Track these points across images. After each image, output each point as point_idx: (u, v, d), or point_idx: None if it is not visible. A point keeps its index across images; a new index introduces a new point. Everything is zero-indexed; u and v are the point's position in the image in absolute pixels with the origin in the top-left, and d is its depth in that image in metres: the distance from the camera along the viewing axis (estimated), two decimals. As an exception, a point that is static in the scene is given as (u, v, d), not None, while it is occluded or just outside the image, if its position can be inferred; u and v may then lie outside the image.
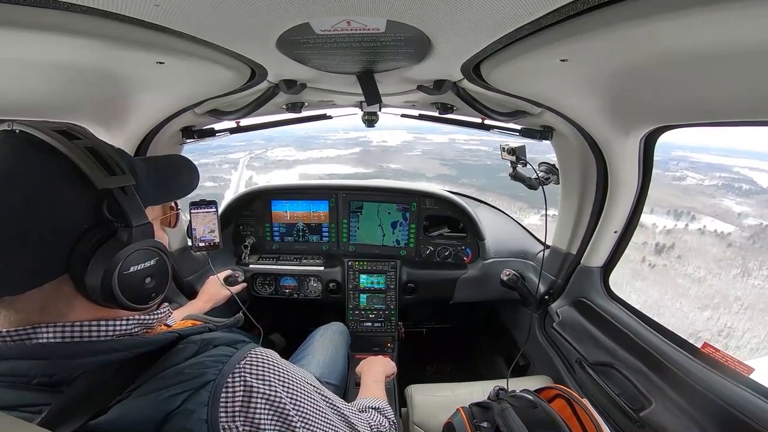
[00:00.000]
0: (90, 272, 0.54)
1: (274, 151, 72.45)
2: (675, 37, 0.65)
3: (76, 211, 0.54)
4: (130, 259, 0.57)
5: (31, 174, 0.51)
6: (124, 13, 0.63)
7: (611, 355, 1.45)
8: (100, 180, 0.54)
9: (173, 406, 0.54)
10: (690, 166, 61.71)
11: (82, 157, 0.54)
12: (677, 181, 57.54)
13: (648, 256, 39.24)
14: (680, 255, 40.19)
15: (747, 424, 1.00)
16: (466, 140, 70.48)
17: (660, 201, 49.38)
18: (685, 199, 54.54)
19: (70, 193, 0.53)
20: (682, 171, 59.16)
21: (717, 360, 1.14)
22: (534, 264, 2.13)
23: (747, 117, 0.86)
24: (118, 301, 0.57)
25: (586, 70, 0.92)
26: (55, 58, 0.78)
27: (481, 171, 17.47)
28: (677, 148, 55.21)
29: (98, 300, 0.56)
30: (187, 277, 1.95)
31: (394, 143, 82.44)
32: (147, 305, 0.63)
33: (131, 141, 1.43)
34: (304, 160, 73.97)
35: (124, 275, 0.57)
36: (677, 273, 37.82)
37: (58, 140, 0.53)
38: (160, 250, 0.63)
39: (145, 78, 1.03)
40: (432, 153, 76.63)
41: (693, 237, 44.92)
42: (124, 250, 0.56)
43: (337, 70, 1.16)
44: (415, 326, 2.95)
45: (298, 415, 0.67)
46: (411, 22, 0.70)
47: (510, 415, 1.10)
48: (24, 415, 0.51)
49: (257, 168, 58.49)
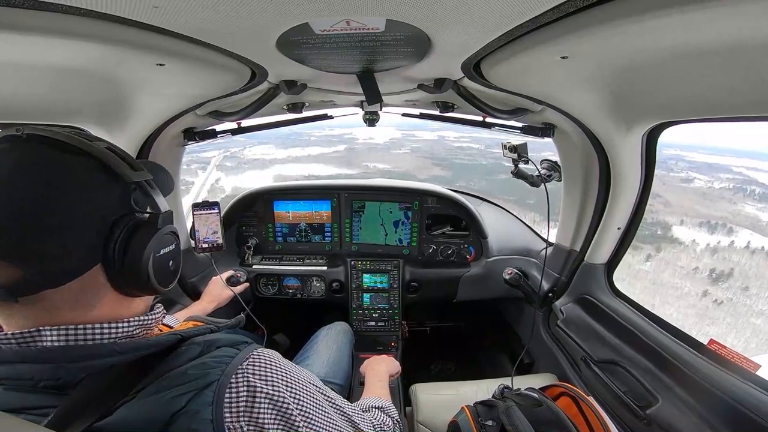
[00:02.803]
0: (128, 259, 0.58)
1: (252, 150, 67.36)
2: (674, 33, 0.64)
3: (109, 203, 0.58)
4: (162, 242, 0.63)
5: (60, 172, 0.54)
6: (124, 16, 0.63)
7: (616, 352, 1.45)
8: (129, 174, 0.59)
9: (178, 407, 0.55)
10: (690, 166, 58.65)
11: (107, 154, 0.58)
12: (685, 183, 54.21)
13: (709, 289, 30.75)
14: (745, 285, 34.91)
15: (754, 420, 0.99)
16: (456, 137, 65.51)
17: (685, 209, 44.90)
18: (709, 206, 49.44)
19: (103, 187, 0.58)
20: (686, 172, 56.28)
21: (723, 357, 1.13)
22: (537, 261, 2.13)
23: (747, 112, 0.86)
24: (151, 284, 0.61)
25: (586, 67, 0.92)
26: (54, 61, 0.79)
27: (477, 171, 16.35)
28: (666, 146, 51.45)
29: (131, 285, 0.60)
30: (191, 279, 1.96)
31: (381, 141, 77.42)
32: (168, 287, 0.68)
33: (133, 143, 1.44)
34: (282, 159, 69.05)
35: (156, 258, 0.62)
36: (750, 310, 30.81)
37: (80, 143, 0.56)
38: (176, 235, 0.69)
39: (145, 80, 1.03)
40: (421, 151, 71.70)
41: (743, 257, 39.43)
42: (157, 234, 0.61)
43: (338, 70, 1.15)
44: (419, 325, 2.95)
45: (301, 415, 0.68)
46: (411, 21, 0.69)
47: (515, 414, 1.09)
48: (30, 417, 0.51)
49: (228, 169, 53.54)
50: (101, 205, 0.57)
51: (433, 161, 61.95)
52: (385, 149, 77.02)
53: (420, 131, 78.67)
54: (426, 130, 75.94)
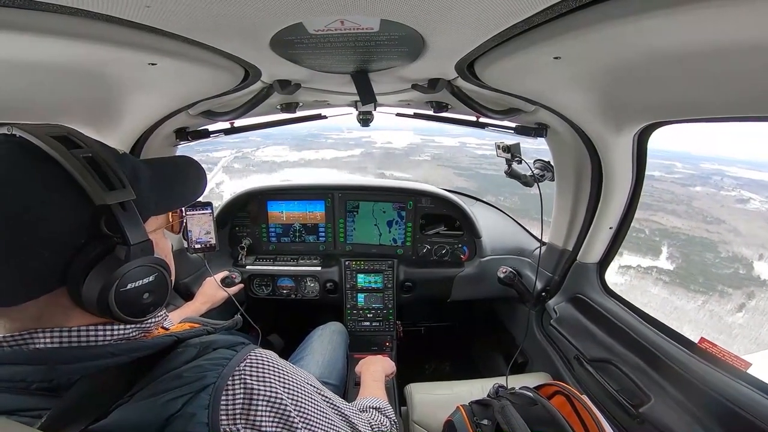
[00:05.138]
0: (86, 287, 0.53)
1: (265, 151, 62.61)
2: (665, 34, 0.65)
3: (71, 224, 0.52)
4: (128, 277, 0.56)
5: (25, 183, 0.49)
6: (115, 15, 0.62)
7: (609, 351, 1.46)
8: (98, 195, 0.52)
9: (173, 410, 0.54)
10: (737, 183, 51.53)
11: (79, 169, 0.52)
12: (740, 203, 46.52)
13: None
14: None
15: (744, 418, 1.01)
16: (479, 144, 58.86)
17: (760, 239, 37.25)
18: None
19: (66, 206, 0.52)
20: (737, 190, 49.18)
21: (714, 355, 1.15)
22: (531, 261, 2.14)
23: (737, 113, 0.87)
24: (115, 315, 0.56)
25: (579, 68, 0.93)
26: (44, 59, 0.77)
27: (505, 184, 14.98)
28: (702, 159, 45.46)
29: (95, 313, 0.55)
30: (184, 279, 1.94)
31: (399, 145, 71.65)
32: (145, 318, 0.62)
33: (124, 143, 1.42)
34: (293, 162, 64.09)
35: (121, 292, 0.56)
36: None
37: (56, 149, 0.51)
38: (160, 267, 0.62)
39: (137, 79, 1.02)
40: (443, 159, 65.44)
41: None
42: (121, 268, 0.55)
43: (332, 69, 1.15)
44: (414, 325, 2.95)
45: (299, 415, 0.67)
46: (405, 21, 0.69)
47: (510, 412, 1.10)
48: (23, 419, 0.51)
49: (235, 171, 48.84)
50: (59, 227, 0.51)
51: (456, 171, 55.97)
52: (403, 155, 70.50)
53: (440, 137, 72.20)
54: (447, 135, 69.48)
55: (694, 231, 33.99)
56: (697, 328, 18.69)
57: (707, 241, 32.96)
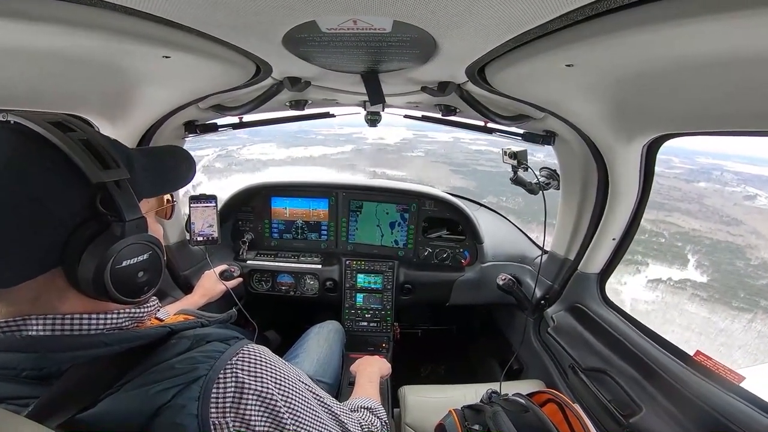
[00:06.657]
0: (82, 265, 0.54)
1: (251, 149, 59.16)
2: (681, 44, 0.65)
3: (68, 204, 0.53)
4: (123, 254, 0.57)
5: (23, 166, 0.50)
6: (133, 7, 0.63)
7: (604, 361, 1.46)
8: (94, 174, 0.54)
9: (164, 401, 0.54)
10: (740, 179, 49.25)
11: (75, 149, 0.53)
12: (749, 201, 44.10)
13: None
14: None
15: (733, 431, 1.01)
16: (472, 140, 52.74)
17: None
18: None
19: (63, 186, 0.53)
20: (742, 186, 47.24)
21: (708, 368, 1.15)
22: (531, 269, 2.13)
23: (750, 126, 0.86)
24: (110, 295, 0.57)
25: (591, 76, 0.93)
26: (61, 50, 0.78)
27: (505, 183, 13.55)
28: (699, 154, 43.98)
29: (90, 293, 0.56)
30: (184, 272, 1.95)
31: (392, 141, 68.25)
32: (139, 298, 0.63)
33: (134, 134, 1.43)
34: (280, 160, 60.26)
35: (116, 269, 0.57)
36: None
37: (51, 132, 0.53)
38: (154, 245, 0.63)
39: (150, 72, 1.03)
40: (436, 155, 62.45)
41: None
42: (117, 244, 0.56)
43: (342, 68, 1.16)
44: (411, 327, 2.95)
45: (289, 412, 0.67)
46: (417, 23, 0.70)
47: (501, 419, 1.10)
48: (11, 407, 0.51)
49: (215, 171, 44.61)
50: (58, 207, 0.52)
51: (451, 167, 52.40)
52: (395, 151, 67.67)
53: (433, 132, 67.38)
54: (440, 131, 63.25)
55: (715, 234, 31.04)
56: (746, 354, 15.45)
57: (733, 246, 30.03)
